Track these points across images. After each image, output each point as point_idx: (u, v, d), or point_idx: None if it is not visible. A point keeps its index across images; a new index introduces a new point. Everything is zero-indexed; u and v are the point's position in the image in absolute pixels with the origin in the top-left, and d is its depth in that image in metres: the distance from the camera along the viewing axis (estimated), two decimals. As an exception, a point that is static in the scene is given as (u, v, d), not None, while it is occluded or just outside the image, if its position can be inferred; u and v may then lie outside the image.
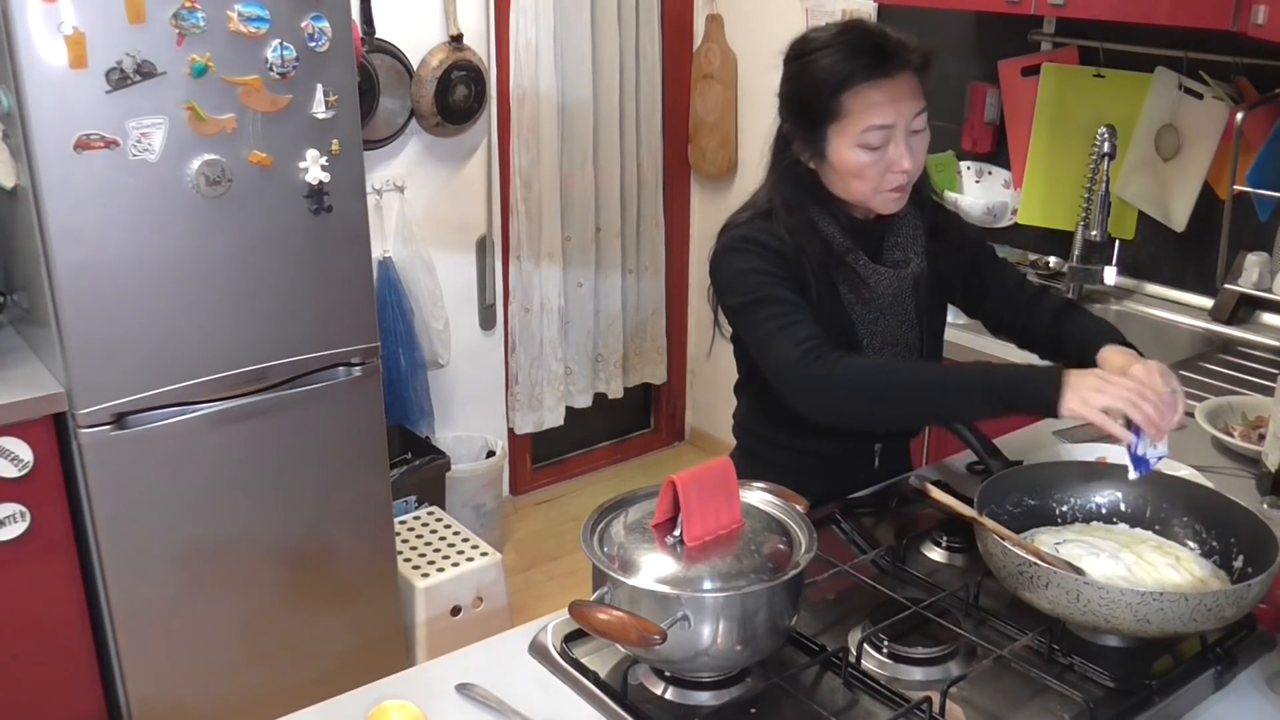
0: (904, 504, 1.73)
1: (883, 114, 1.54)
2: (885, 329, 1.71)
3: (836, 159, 1.58)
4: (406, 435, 3.38)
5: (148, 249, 2.19)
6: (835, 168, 1.59)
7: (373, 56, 3.11)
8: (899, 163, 1.57)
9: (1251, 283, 2.55)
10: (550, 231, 3.62)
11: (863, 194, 1.61)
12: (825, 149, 1.58)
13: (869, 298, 1.68)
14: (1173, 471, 1.62)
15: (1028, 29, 2.93)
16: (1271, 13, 2.09)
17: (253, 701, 2.53)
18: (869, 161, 1.57)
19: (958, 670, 1.32)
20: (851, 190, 1.61)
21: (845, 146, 1.56)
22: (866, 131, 1.54)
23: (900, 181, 1.59)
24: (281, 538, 2.51)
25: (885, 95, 1.53)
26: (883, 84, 1.53)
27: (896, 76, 1.54)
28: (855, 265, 1.65)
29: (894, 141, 1.56)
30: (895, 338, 1.73)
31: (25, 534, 2.25)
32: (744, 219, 1.67)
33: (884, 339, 1.71)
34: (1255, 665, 1.36)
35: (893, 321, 1.72)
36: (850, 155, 1.57)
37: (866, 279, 1.66)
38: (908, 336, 1.75)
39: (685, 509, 1.28)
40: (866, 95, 1.53)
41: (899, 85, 1.54)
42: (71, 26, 2.01)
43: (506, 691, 1.31)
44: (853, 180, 1.59)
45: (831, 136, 1.57)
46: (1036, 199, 2.96)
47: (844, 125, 1.55)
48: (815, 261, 1.63)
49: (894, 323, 1.72)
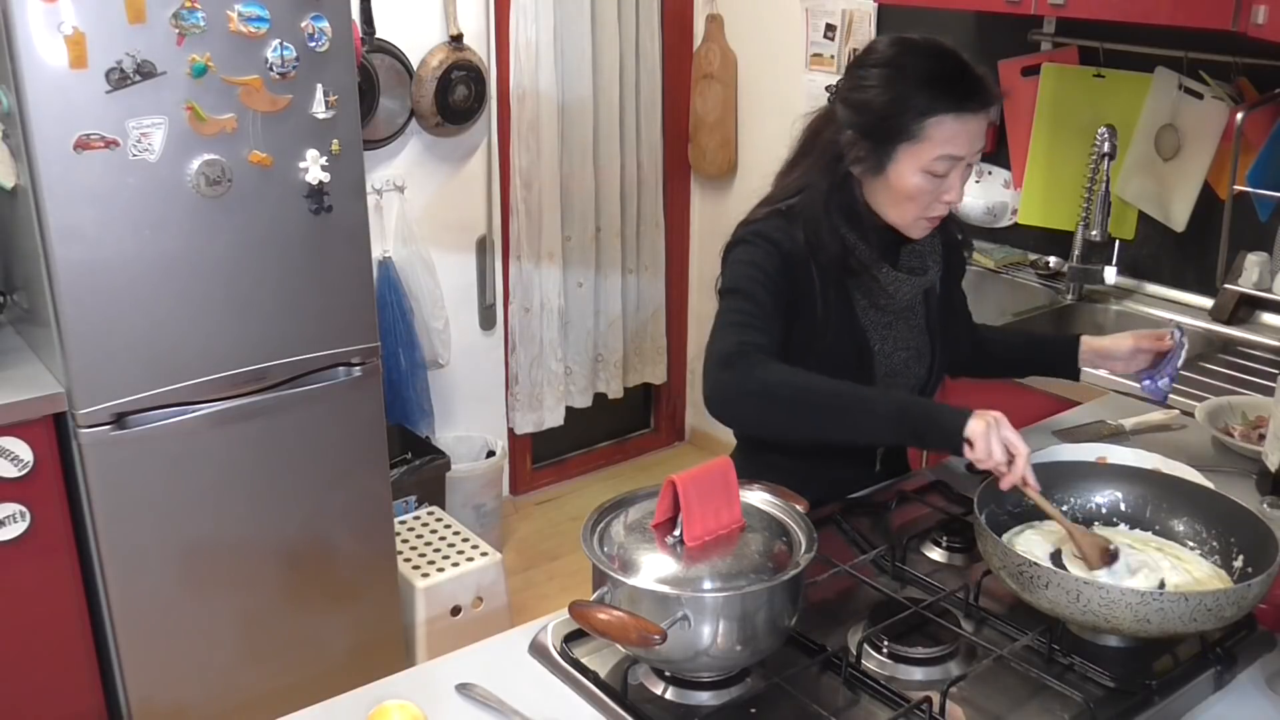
0: (904, 504, 1.73)
1: (958, 146, 1.55)
2: (897, 334, 1.72)
3: (896, 178, 1.58)
4: (406, 435, 3.38)
5: (148, 249, 2.19)
6: (891, 186, 1.59)
7: (373, 56, 3.11)
8: (949, 193, 1.59)
9: (1251, 283, 2.55)
10: (550, 231, 3.62)
11: (905, 217, 1.61)
12: (888, 166, 1.58)
13: (883, 304, 1.68)
14: (1172, 471, 1.62)
15: (1028, 29, 2.93)
16: (1271, 13, 2.09)
17: (253, 701, 2.53)
18: (927, 188, 1.57)
19: (958, 670, 1.32)
20: (898, 211, 1.61)
21: (911, 170, 1.56)
22: (938, 160, 1.55)
23: (942, 212, 1.61)
24: (281, 538, 2.51)
25: (966, 129, 1.54)
26: (966, 118, 1.54)
27: (978, 113, 1.55)
28: (877, 274, 1.65)
29: (954, 172, 1.57)
30: (907, 343, 1.73)
31: (25, 534, 2.25)
32: (763, 215, 1.66)
33: (895, 344, 1.72)
34: (1255, 665, 1.36)
35: (904, 327, 1.73)
36: (913, 179, 1.57)
37: (886, 287, 1.66)
38: (918, 342, 1.75)
39: (685, 509, 1.28)
40: (950, 125, 1.54)
41: (979, 121, 1.56)
42: (71, 26, 2.01)
43: (506, 691, 1.31)
44: (904, 202, 1.59)
45: (901, 156, 1.56)
46: (1036, 199, 2.96)
47: (919, 149, 1.55)
48: (830, 267, 1.63)
49: (905, 328, 1.73)
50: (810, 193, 1.63)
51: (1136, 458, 1.72)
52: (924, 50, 1.58)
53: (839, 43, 3.40)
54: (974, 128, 1.56)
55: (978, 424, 1.43)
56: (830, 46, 3.43)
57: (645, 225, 3.93)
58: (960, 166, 1.58)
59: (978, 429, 1.42)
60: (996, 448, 1.42)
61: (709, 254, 4.09)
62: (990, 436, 1.42)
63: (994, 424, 1.43)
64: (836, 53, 3.41)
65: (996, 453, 1.42)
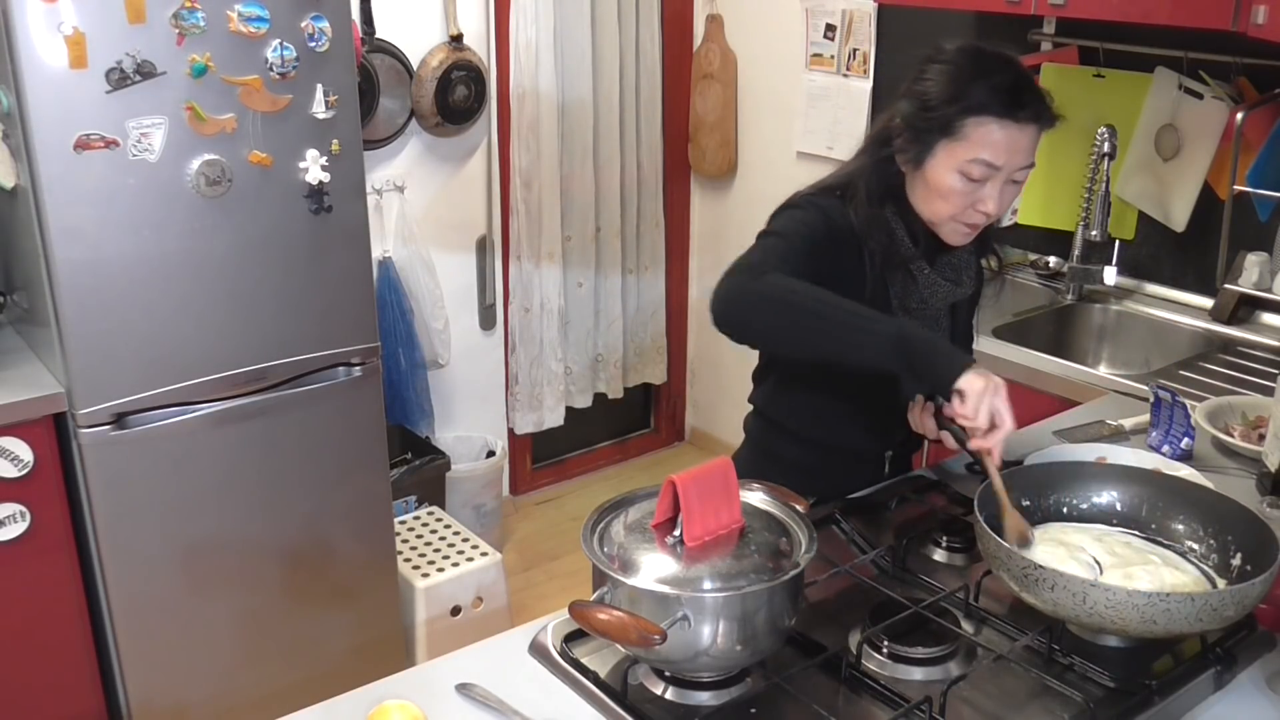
0: (904, 504, 1.73)
1: (996, 153, 1.53)
2: None
3: (932, 174, 1.58)
4: (406, 435, 3.38)
5: (147, 249, 2.19)
6: (927, 181, 1.59)
7: (373, 56, 3.11)
8: (986, 203, 1.57)
9: (1251, 283, 2.55)
10: (550, 231, 3.62)
11: (939, 216, 1.61)
12: (926, 160, 1.58)
13: (913, 307, 1.68)
14: (1172, 471, 1.62)
15: (1028, 29, 2.93)
16: (1271, 13, 2.09)
17: (253, 701, 2.53)
18: (961, 190, 1.56)
19: (958, 670, 1.32)
20: (931, 208, 1.61)
21: (946, 167, 1.56)
22: (973, 162, 1.54)
23: (978, 220, 1.59)
24: (281, 538, 2.51)
25: (1008, 138, 1.53)
26: (1010, 127, 1.53)
27: (1025, 126, 1.54)
28: (916, 273, 1.66)
29: (991, 182, 1.56)
30: None
31: (25, 534, 2.25)
32: (814, 192, 1.67)
33: None
34: (1255, 665, 1.36)
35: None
36: (946, 177, 1.56)
37: (921, 288, 1.66)
38: None
39: (685, 509, 1.28)
40: (991, 129, 1.52)
41: (1024, 135, 1.54)
42: (71, 26, 2.01)
43: (506, 691, 1.31)
44: (937, 200, 1.59)
45: (939, 151, 1.56)
46: (1036, 199, 2.96)
47: (955, 147, 1.54)
48: (877, 257, 1.63)
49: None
50: (866, 181, 1.63)
51: (1136, 458, 1.72)
52: (988, 55, 1.58)
53: (839, 43, 3.40)
54: (1016, 139, 1.53)
55: (975, 380, 1.41)
56: (830, 46, 3.43)
57: (645, 225, 3.93)
58: (999, 179, 1.55)
59: (974, 385, 1.40)
60: (984, 412, 1.40)
61: (709, 254, 4.11)
62: (984, 398, 1.40)
63: (992, 387, 1.41)
64: (836, 53, 3.41)
65: (982, 417, 1.40)
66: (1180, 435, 1.87)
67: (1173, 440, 1.88)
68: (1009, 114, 1.52)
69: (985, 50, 1.59)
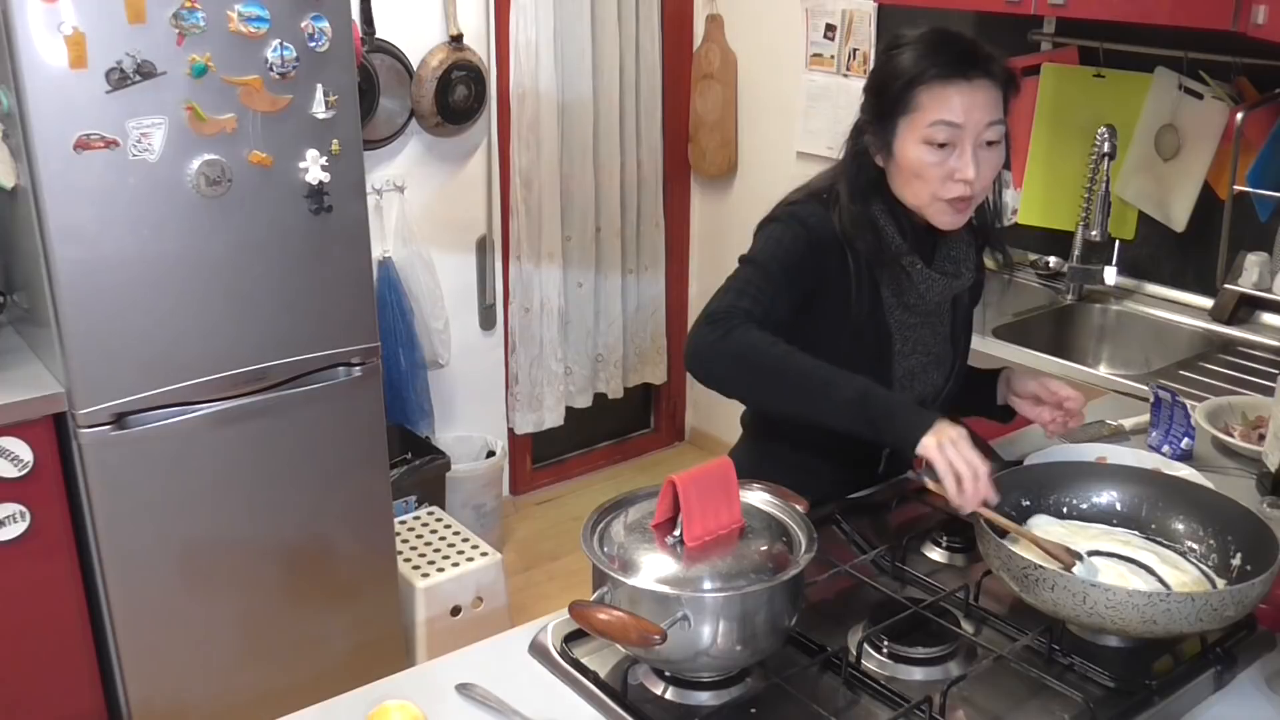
0: (904, 504, 1.73)
1: (952, 112, 1.53)
2: (919, 337, 1.71)
3: (901, 154, 1.58)
4: (406, 435, 3.38)
5: (147, 248, 2.19)
6: (900, 164, 1.59)
7: (373, 56, 3.11)
8: (962, 170, 1.55)
9: (1251, 283, 2.55)
10: (550, 231, 3.62)
11: (920, 198, 1.60)
12: (893, 141, 1.58)
13: (911, 303, 1.68)
14: (1172, 471, 1.62)
15: (1028, 29, 2.93)
16: (1271, 13, 2.09)
17: (253, 701, 2.53)
18: (932, 161, 1.55)
19: (958, 670, 1.32)
20: (911, 191, 1.60)
21: (912, 141, 1.56)
22: (934, 126, 1.53)
23: (960, 192, 1.57)
24: (281, 537, 2.51)
25: (962, 96, 1.53)
26: (960, 85, 1.53)
27: (975, 82, 1.54)
28: (909, 269, 1.65)
29: (960, 147, 1.55)
30: (928, 347, 1.73)
31: (25, 534, 2.25)
32: (799, 198, 1.67)
33: (914, 345, 1.71)
34: (1255, 665, 1.36)
35: (927, 332, 1.72)
36: (914, 150, 1.56)
37: (917, 284, 1.66)
38: (940, 349, 1.75)
39: (685, 509, 1.28)
40: (941, 92, 1.53)
41: (976, 91, 1.54)
42: (71, 26, 2.01)
43: (506, 691, 1.31)
44: (914, 180, 1.58)
45: (901, 129, 1.56)
46: (1036, 199, 2.95)
47: (914, 119, 1.55)
48: (864, 257, 1.63)
49: (928, 333, 1.72)
50: (846, 181, 1.64)
51: (1136, 458, 1.72)
52: (937, 32, 1.59)
53: (839, 43, 3.40)
54: (971, 96, 1.53)
55: (930, 442, 1.40)
56: (830, 46, 3.43)
57: (645, 225, 3.93)
58: (966, 141, 1.54)
59: (929, 449, 1.40)
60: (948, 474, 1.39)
61: (709, 254, 4.11)
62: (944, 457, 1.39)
63: (948, 441, 1.40)
64: (836, 53, 3.41)
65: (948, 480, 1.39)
66: (1180, 435, 1.87)
67: (1173, 440, 1.88)
68: (958, 73, 1.53)
69: (936, 29, 1.60)
